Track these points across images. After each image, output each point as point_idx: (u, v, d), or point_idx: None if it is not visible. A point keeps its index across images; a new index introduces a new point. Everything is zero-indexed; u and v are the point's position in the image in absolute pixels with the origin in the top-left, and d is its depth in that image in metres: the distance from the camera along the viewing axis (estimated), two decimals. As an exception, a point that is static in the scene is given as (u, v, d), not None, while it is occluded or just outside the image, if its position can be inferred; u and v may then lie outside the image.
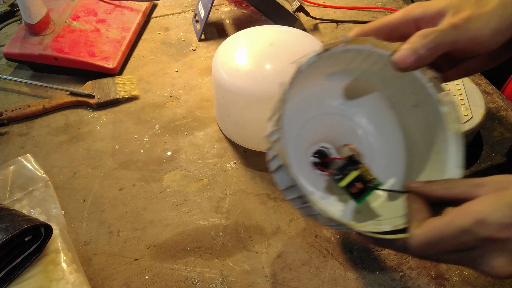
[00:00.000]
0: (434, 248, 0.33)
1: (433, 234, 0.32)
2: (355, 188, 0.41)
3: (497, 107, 0.68)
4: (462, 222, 0.31)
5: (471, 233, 0.30)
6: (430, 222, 0.33)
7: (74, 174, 0.60)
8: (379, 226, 0.37)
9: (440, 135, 0.41)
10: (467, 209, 0.31)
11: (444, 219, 0.32)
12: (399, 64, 0.38)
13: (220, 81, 0.57)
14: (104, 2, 0.82)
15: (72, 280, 0.46)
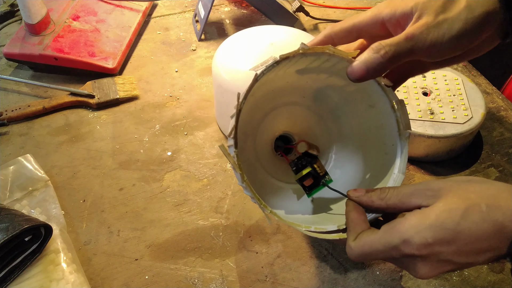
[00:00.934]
0: (368, 258, 0.37)
1: (366, 248, 0.37)
2: (307, 181, 0.44)
3: (497, 107, 0.68)
4: (391, 240, 0.35)
5: (398, 250, 0.35)
6: (364, 236, 0.37)
7: (74, 174, 0.60)
8: (323, 226, 0.41)
9: (391, 138, 0.44)
10: (395, 228, 0.36)
11: (376, 236, 0.36)
12: (351, 76, 0.40)
13: (220, 81, 0.57)
14: (104, 2, 0.82)
15: (72, 280, 0.46)
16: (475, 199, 0.35)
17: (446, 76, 0.64)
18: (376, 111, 0.45)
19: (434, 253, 0.35)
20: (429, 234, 0.34)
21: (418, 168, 0.60)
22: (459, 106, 0.59)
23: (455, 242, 0.34)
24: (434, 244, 0.35)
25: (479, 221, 0.34)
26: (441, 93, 0.61)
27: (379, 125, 0.46)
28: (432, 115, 0.58)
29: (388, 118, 0.44)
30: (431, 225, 0.34)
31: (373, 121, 0.46)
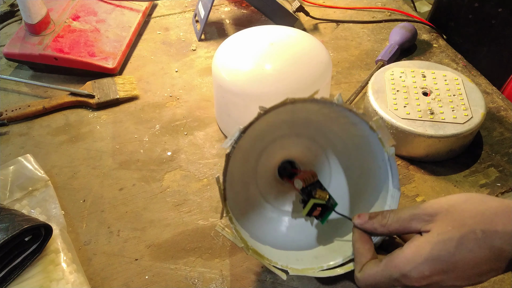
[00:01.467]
0: (374, 287, 0.40)
1: (371, 280, 0.39)
2: (316, 212, 0.45)
3: (497, 107, 0.68)
4: (391, 273, 0.37)
5: (399, 282, 0.37)
6: (368, 269, 0.40)
7: (74, 174, 0.60)
8: (333, 262, 0.44)
9: (380, 153, 0.45)
10: (393, 262, 0.37)
11: (377, 269, 0.39)
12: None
13: (220, 81, 0.57)
14: (104, 2, 0.82)
15: (72, 280, 0.46)
16: (471, 225, 0.35)
17: (446, 76, 0.64)
18: (359, 128, 0.46)
19: (435, 282, 0.36)
20: (425, 268, 0.36)
21: (418, 168, 0.60)
22: (459, 106, 0.59)
23: (454, 271, 0.35)
24: (432, 275, 0.36)
25: (475, 249, 0.35)
26: (441, 93, 0.61)
27: (366, 139, 0.46)
28: (432, 115, 0.58)
29: (372, 135, 0.44)
30: (426, 258, 0.36)
31: (360, 136, 0.47)
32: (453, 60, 0.77)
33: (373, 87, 0.63)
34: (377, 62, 0.74)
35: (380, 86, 0.63)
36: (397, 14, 0.87)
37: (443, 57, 0.77)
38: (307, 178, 0.46)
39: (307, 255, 0.47)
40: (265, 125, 0.48)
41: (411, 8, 0.91)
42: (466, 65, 0.76)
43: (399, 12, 0.87)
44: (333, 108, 0.45)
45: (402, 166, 0.60)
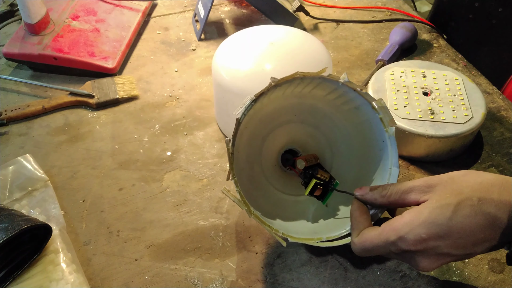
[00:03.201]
0: (370, 253, 0.40)
1: (367, 243, 0.40)
2: (318, 191, 0.47)
3: (497, 107, 0.68)
4: (388, 237, 0.38)
5: (396, 245, 0.38)
6: (365, 233, 0.40)
7: (74, 174, 0.60)
8: (333, 234, 0.45)
9: (381, 135, 0.47)
10: (391, 226, 0.38)
11: (375, 232, 0.39)
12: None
13: (220, 81, 0.57)
14: (103, 2, 0.82)
15: (72, 280, 0.46)
16: (468, 193, 0.37)
17: (446, 76, 0.64)
18: (362, 111, 0.48)
19: (430, 247, 0.37)
20: (422, 231, 0.36)
21: (419, 168, 0.60)
22: (459, 106, 0.59)
23: (450, 236, 0.36)
24: (428, 239, 0.36)
25: (471, 215, 0.36)
26: (442, 93, 0.61)
27: (368, 124, 0.48)
28: (432, 115, 0.58)
29: (374, 116, 0.46)
30: (424, 221, 0.36)
31: (362, 120, 0.49)
32: (453, 60, 0.76)
33: (373, 87, 0.63)
34: (377, 62, 0.74)
35: (381, 86, 0.63)
36: (398, 14, 0.87)
37: (444, 57, 0.77)
38: (309, 159, 0.48)
39: (307, 231, 0.48)
40: (272, 109, 0.50)
41: (411, 7, 0.90)
42: (466, 65, 0.75)
43: (400, 11, 0.87)
44: (338, 88, 0.46)
45: (403, 166, 0.60)
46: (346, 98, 0.48)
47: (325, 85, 0.47)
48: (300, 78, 0.44)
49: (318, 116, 0.52)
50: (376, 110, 0.45)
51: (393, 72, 0.64)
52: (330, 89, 0.48)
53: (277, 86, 0.44)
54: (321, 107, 0.51)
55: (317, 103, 0.51)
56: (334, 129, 0.52)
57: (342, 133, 0.52)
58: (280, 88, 0.45)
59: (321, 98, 0.50)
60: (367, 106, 0.46)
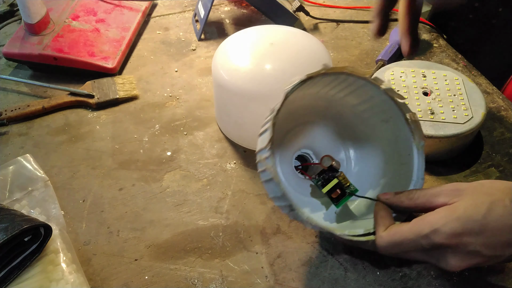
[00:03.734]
0: (397, 247, 0.39)
1: (397, 236, 0.39)
2: (335, 193, 0.47)
3: (497, 107, 0.68)
4: (421, 229, 0.37)
5: (428, 239, 0.37)
6: (394, 226, 0.40)
7: (74, 174, 0.60)
8: (355, 230, 0.44)
9: (407, 149, 0.47)
10: (425, 219, 0.38)
11: (407, 226, 0.39)
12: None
13: (220, 81, 0.57)
14: (103, 2, 0.82)
15: (72, 280, 0.46)
16: (499, 195, 0.37)
17: (446, 76, 0.64)
18: (391, 125, 0.48)
19: (463, 243, 0.36)
20: (457, 225, 0.36)
21: (418, 168, 0.60)
22: (459, 106, 0.59)
23: (483, 233, 0.36)
24: (463, 234, 0.36)
25: (505, 215, 0.36)
26: (442, 93, 0.61)
27: (394, 138, 0.48)
28: (432, 115, 0.58)
29: (402, 130, 0.47)
30: (459, 217, 0.37)
31: (388, 135, 0.49)
32: (453, 60, 0.76)
33: (373, 87, 0.63)
34: (377, 62, 0.74)
35: (380, 86, 0.63)
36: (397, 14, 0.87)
37: (444, 57, 0.77)
38: (334, 162, 0.48)
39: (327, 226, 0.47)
40: (302, 105, 0.51)
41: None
42: (466, 65, 0.75)
43: (399, 11, 0.87)
44: (375, 97, 0.47)
45: (402, 166, 0.60)
46: (379, 110, 0.49)
47: (363, 91, 0.47)
48: (346, 74, 0.45)
49: (341, 125, 0.53)
50: (408, 123, 0.46)
51: (393, 72, 0.64)
52: (365, 97, 0.48)
53: (325, 75, 0.44)
54: (346, 117, 0.52)
55: (344, 112, 0.51)
56: (357, 140, 0.53)
57: (365, 146, 0.52)
58: (318, 84, 0.46)
59: (351, 106, 0.51)
60: (398, 118, 0.47)
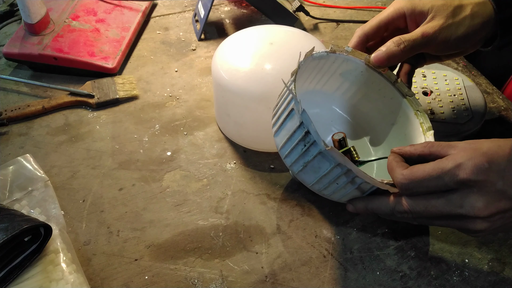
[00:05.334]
0: (417, 186, 0.37)
1: (419, 173, 0.37)
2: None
3: (497, 107, 0.68)
4: (444, 165, 0.36)
5: (451, 175, 0.35)
6: (415, 166, 0.38)
7: (74, 174, 0.60)
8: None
9: (416, 142, 0.48)
10: (448, 157, 0.36)
11: (429, 164, 0.37)
12: (375, 62, 0.48)
13: (220, 80, 0.57)
14: (103, 2, 0.82)
15: (72, 280, 0.46)
16: None
17: (446, 76, 0.64)
18: (399, 126, 0.52)
19: (490, 180, 0.35)
20: (483, 159, 0.35)
21: (418, 168, 0.60)
22: (459, 106, 0.59)
23: (510, 171, 0.35)
24: (489, 170, 0.35)
25: None
26: (442, 93, 0.61)
27: (403, 136, 0.51)
28: (432, 115, 0.58)
29: (411, 126, 0.49)
30: (484, 153, 0.35)
31: (396, 135, 0.52)
32: (453, 60, 0.76)
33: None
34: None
35: (380, 86, 0.63)
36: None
37: (443, 57, 0.77)
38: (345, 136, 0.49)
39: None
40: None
41: (411, 7, 0.90)
42: (466, 64, 0.75)
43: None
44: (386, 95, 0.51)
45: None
46: (386, 112, 0.52)
47: (379, 89, 0.52)
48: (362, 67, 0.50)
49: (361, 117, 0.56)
50: (417, 116, 0.49)
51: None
52: (378, 98, 0.52)
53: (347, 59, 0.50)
54: (369, 114, 0.55)
55: (370, 113, 0.55)
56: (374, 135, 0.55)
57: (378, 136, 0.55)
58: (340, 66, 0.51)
59: (363, 114, 0.55)
60: (406, 116, 0.50)
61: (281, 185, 0.58)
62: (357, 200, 0.44)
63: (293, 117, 0.42)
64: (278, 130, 0.45)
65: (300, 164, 0.43)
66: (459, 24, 0.46)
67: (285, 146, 0.44)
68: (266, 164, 0.61)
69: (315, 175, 0.43)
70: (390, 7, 0.50)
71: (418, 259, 0.50)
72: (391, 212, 0.40)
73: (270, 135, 0.59)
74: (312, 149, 0.41)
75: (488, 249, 0.51)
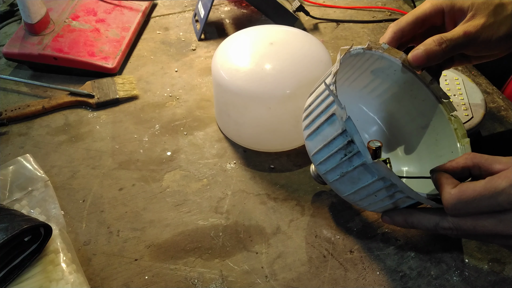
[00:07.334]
0: (468, 206, 0.35)
1: (469, 192, 0.34)
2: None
3: (497, 107, 0.68)
4: (497, 184, 0.33)
5: (506, 194, 0.33)
6: (465, 183, 0.35)
7: (74, 174, 0.60)
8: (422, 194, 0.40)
9: (448, 149, 0.47)
10: (500, 175, 0.34)
11: (480, 182, 0.34)
12: (413, 62, 0.45)
13: (220, 80, 0.57)
14: (103, 2, 0.82)
15: (72, 280, 0.46)
16: None
17: (446, 76, 0.64)
18: (429, 130, 0.50)
19: None
20: None
21: (418, 168, 0.60)
22: (459, 106, 0.59)
23: None
24: None
25: None
26: (442, 93, 0.61)
27: (433, 141, 0.49)
28: (432, 115, 0.58)
29: (443, 131, 0.47)
30: None
31: (425, 140, 0.50)
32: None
33: (373, 87, 0.63)
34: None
35: (380, 86, 0.63)
36: (398, 14, 0.87)
37: (443, 56, 0.77)
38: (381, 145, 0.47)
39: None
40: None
41: (411, 8, 0.90)
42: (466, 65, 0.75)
43: (400, 11, 0.87)
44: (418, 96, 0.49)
45: (402, 166, 0.60)
46: (415, 113, 0.50)
47: (412, 89, 0.49)
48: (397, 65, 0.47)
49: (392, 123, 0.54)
50: (451, 122, 0.46)
51: (393, 72, 0.64)
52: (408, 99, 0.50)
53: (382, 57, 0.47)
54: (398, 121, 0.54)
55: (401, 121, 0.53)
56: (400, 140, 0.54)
57: (406, 146, 0.53)
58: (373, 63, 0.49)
59: (392, 115, 0.53)
60: (439, 120, 0.48)
61: (281, 185, 0.58)
62: (395, 213, 0.42)
63: (333, 123, 0.39)
64: (312, 134, 0.42)
65: (337, 173, 0.41)
66: (501, 23, 0.44)
67: (320, 153, 0.41)
68: (266, 164, 0.61)
69: (352, 186, 0.40)
70: (427, 3, 0.47)
71: (418, 259, 0.50)
72: (434, 228, 0.39)
73: (270, 135, 0.59)
74: (354, 159, 0.38)
75: (488, 249, 0.51)
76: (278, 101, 0.55)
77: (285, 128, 0.58)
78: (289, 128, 0.58)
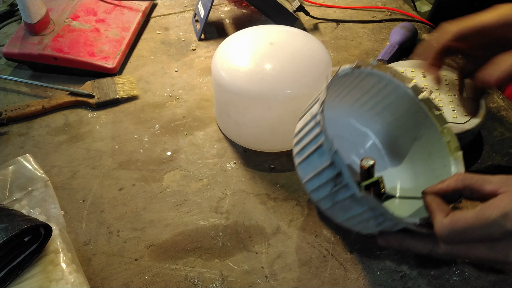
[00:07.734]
0: (460, 236, 0.35)
1: (460, 222, 0.34)
2: (371, 191, 0.46)
3: (497, 107, 0.68)
4: (488, 214, 0.33)
5: (498, 225, 0.32)
6: (457, 213, 0.35)
7: (74, 174, 0.60)
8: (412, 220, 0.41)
9: (442, 162, 0.46)
10: (491, 204, 0.33)
11: (471, 212, 0.34)
12: (484, 83, 0.42)
13: (220, 80, 0.57)
14: (103, 2, 0.82)
15: (72, 280, 0.46)
16: None
17: (446, 76, 0.64)
18: (422, 142, 0.49)
19: None
20: None
21: (418, 168, 0.60)
22: (459, 106, 0.59)
23: None
24: None
25: None
26: (442, 93, 0.61)
27: (427, 154, 0.49)
28: (432, 115, 0.58)
29: (436, 144, 0.47)
30: None
31: (419, 152, 0.50)
32: (453, 60, 0.76)
33: (373, 87, 0.63)
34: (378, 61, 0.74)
35: (380, 86, 0.63)
36: (398, 14, 0.87)
37: (443, 57, 0.77)
38: (374, 163, 0.47)
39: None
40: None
41: (411, 7, 0.90)
42: (466, 65, 0.75)
43: (399, 11, 0.87)
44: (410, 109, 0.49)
45: (402, 166, 0.60)
46: (408, 126, 0.50)
47: (399, 102, 0.50)
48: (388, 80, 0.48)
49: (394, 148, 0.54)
50: (444, 134, 0.46)
51: (393, 72, 0.64)
52: (399, 111, 0.50)
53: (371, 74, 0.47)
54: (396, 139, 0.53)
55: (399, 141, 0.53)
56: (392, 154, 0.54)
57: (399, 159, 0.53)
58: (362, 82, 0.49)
59: (385, 126, 0.53)
60: (432, 133, 0.47)
61: (281, 185, 0.58)
62: (391, 236, 0.42)
63: (322, 154, 0.39)
64: (303, 163, 0.42)
65: (328, 202, 0.41)
66: None
67: (311, 182, 0.41)
68: (266, 164, 0.61)
69: (344, 214, 0.41)
70: (492, 12, 0.43)
71: (418, 259, 0.50)
72: (428, 253, 0.39)
73: (270, 135, 0.59)
74: (343, 191, 0.38)
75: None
76: (278, 101, 0.55)
77: (285, 128, 0.58)
78: (289, 128, 0.58)
